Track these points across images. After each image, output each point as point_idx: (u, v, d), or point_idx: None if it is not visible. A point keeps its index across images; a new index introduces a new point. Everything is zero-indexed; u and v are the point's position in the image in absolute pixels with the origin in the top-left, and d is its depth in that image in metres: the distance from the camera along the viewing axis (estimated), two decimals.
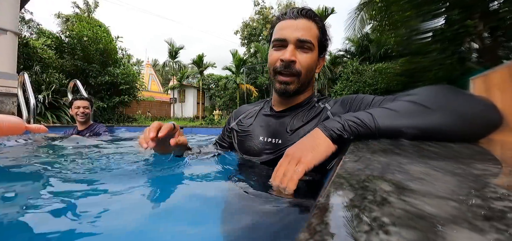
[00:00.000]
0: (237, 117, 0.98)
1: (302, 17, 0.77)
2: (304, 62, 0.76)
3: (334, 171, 0.31)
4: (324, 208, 0.19)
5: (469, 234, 0.15)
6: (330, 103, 0.81)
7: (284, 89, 0.78)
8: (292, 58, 0.75)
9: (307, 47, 0.76)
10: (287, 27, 0.76)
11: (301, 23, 0.76)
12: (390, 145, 0.45)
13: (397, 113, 0.50)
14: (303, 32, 0.75)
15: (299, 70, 0.76)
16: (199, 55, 17.95)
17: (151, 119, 13.21)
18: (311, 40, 0.76)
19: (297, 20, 0.77)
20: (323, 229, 0.16)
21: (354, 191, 0.22)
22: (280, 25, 0.79)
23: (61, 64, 7.81)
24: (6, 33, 4.28)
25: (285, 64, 0.75)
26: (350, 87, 10.48)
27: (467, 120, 0.49)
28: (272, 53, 0.80)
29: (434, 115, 0.48)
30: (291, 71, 0.76)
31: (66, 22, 9.35)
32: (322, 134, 0.53)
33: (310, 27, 0.77)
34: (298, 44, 0.75)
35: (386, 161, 0.33)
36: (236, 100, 16.30)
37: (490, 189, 0.23)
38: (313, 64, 0.78)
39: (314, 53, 0.78)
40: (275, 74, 0.79)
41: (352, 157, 0.36)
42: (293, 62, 0.75)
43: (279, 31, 0.78)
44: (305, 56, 0.76)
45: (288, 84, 0.77)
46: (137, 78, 9.92)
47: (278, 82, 0.78)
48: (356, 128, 0.51)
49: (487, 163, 0.32)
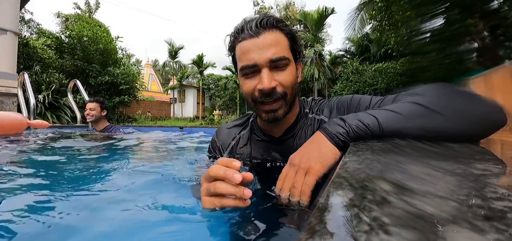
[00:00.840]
0: (225, 147, 0.86)
1: (264, 29, 0.65)
2: (285, 81, 0.66)
3: (334, 171, 0.31)
4: (324, 208, 0.19)
5: (469, 234, 0.15)
6: (326, 112, 0.75)
7: (274, 117, 0.68)
8: (272, 86, 0.64)
9: (283, 64, 0.65)
10: (252, 49, 0.64)
11: (266, 38, 0.64)
12: (390, 145, 0.45)
13: (402, 116, 0.49)
14: (273, 49, 0.64)
15: (282, 92, 0.66)
16: (199, 55, 17.96)
17: (151, 119, 13.21)
18: (285, 55, 0.65)
19: (260, 36, 0.64)
20: (323, 229, 0.16)
21: (354, 191, 0.22)
22: (242, 47, 0.66)
23: (61, 64, 7.82)
24: (6, 33, 4.28)
25: (266, 94, 0.65)
26: (350, 87, 10.48)
27: (473, 122, 0.48)
28: (245, 82, 0.68)
29: (440, 117, 0.47)
30: (274, 97, 0.66)
31: (65, 21, 9.34)
32: (327, 141, 0.50)
33: (277, 39, 0.65)
34: (271, 65, 0.64)
35: (386, 161, 0.33)
36: (236, 100, 16.30)
37: (490, 189, 0.23)
38: (294, 79, 0.68)
39: (292, 66, 0.68)
40: (256, 104, 0.69)
41: (352, 157, 0.36)
42: (273, 88, 0.65)
43: (245, 56, 0.66)
44: (284, 74, 0.66)
45: (276, 111, 0.67)
46: (137, 78, 9.94)
47: (264, 111, 0.68)
48: (361, 132, 0.49)
49: (487, 163, 0.32)
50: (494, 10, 4.76)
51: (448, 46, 5.20)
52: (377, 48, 11.91)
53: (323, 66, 12.38)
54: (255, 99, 0.67)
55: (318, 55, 12.14)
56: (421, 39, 5.76)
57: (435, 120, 0.47)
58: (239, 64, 0.67)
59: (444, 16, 5.17)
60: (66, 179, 0.77)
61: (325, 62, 12.79)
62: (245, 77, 0.68)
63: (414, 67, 5.97)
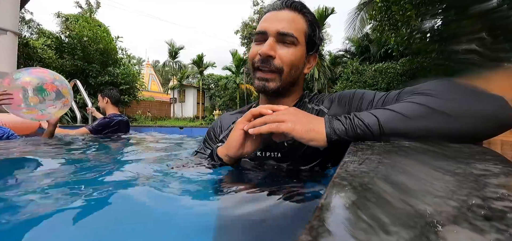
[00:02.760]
0: (226, 128, 0.87)
1: (286, 8, 0.69)
2: (285, 57, 0.67)
3: (335, 171, 0.31)
4: (324, 208, 0.19)
5: (469, 234, 0.15)
6: (326, 103, 0.74)
7: (263, 87, 0.69)
8: (269, 53, 0.66)
9: (289, 41, 0.67)
10: (268, 19, 0.69)
11: (284, 14, 0.68)
12: (390, 145, 0.45)
13: (405, 117, 0.47)
14: (285, 23, 0.67)
15: (279, 66, 0.67)
16: (199, 55, 17.97)
17: (151, 119, 13.21)
18: (293, 33, 0.67)
19: (280, 11, 0.69)
20: (323, 229, 0.16)
21: (355, 192, 0.23)
22: (263, 17, 0.71)
23: (61, 64, 7.83)
24: (6, 33, 4.28)
25: (263, 59, 0.67)
26: (350, 87, 10.49)
27: (480, 122, 0.46)
28: (253, 47, 0.71)
29: (445, 118, 0.45)
30: (270, 67, 0.67)
31: (66, 21, 9.36)
32: (323, 127, 0.52)
33: (294, 19, 0.68)
34: (278, 38, 0.67)
35: (387, 161, 0.33)
36: (236, 100, 16.30)
37: (490, 189, 0.23)
38: (296, 60, 0.69)
39: (299, 49, 0.69)
40: (254, 71, 0.71)
41: (353, 157, 0.36)
42: (271, 57, 0.67)
43: (260, 24, 0.70)
44: (286, 50, 0.67)
45: (267, 80, 0.68)
46: (137, 78, 9.95)
47: (257, 78, 0.70)
48: (360, 132, 0.49)
49: (487, 163, 0.32)
50: (490, 10, 4.76)
51: (447, 47, 5.20)
52: (377, 48, 11.92)
53: (323, 66, 12.39)
54: (254, 64, 0.70)
55: (318, 55, 12.15)
56: (421, 39, 5.76)
57: (440, 121, 0.46)
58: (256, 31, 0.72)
59: (442, 16, 5.17)
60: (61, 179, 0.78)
61: (325, 62, 12.80)
62: (255, 42, 0.71)
63: (414, 67, 5.98)
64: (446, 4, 4.94)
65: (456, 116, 0.45)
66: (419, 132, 0.46)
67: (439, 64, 5.30)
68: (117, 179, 0.74)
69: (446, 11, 5.05)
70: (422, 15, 5.32)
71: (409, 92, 0.54)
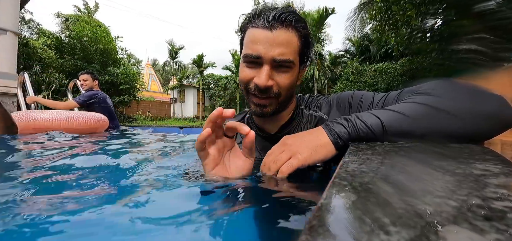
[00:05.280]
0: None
1: (280, 25, 0.61)
2: (283, 84, 0.64)
3: (335, 171, 0.31)
4: (325, 208, 0.19)
5: (469, 234, 0.15)
6: (324, 109, 0.73)
7: (261, 112, 0.67)
8: (268, 84, 0.62)
9: (286, 67, 0.64)
10: (261, 41, 0.62)
11: (278, 36, 0.61)
12: (390, 145, 0.45)
13: (408, 117, 0.47)
14: (281, 49, 0.61)
15: (277, 92, 0.65)
16: (199, 55, 17.98)
17: (151, 119, 13.22)
18: (291, 59, 0.63)
19: (273, 31, 0.61)
20: (323, 229, 0.16)
21: (355, 192, 0.22)
22: (252, 34, 0.64)
23: (61, 64, 7.83)
24: (6, 33, 4.28)
25: (260, 90, 0.63)
26: (350, 87, 10.48)
27: (482, 122, 0.46)
28: (244, 69, 0.66)
29: (447, 118, 0.45)
30: (267, 95, 0.65)
31: (65, 21, 9.36)
32: (326, 137, 0.50)
33: (289, 40, 0.62)
34: (274, 64, 0.63)
35: (387, 161, 0.33)
36: (236, 100, 16.31)
37: (490, 189, 0.23)
38: (292, 82, 0.67)
39: (294, 70, 0.66)
40: (248, 95, 0.68)
41: (353, 157, 0.36)
42: (269, 87, 0.63)
43: (252, 45, 0.63)
44: (284, 77, 0.64)
45: (265, 106, 0.66)
46: (137, 78, 9.96)
47: (253, 104, 0.67)
48: (363, 134, 0.48)
49: (487, 163, 0.32)
50: (490, 10, 4.75)
51: (448, 46, 5.20)
52: (377, 48, 11.92)
53: (323, 66, 12.40)
54: (248, 89, 0.67)
55: (318, 55, 12.15)
56: (421, 39, 5.76)
57: (443, 121, 0.46)
58: (244, 50, 0.65)
59: (442, 16, 5.17)
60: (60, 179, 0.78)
61: (325, 62, 12.81)
62: (246, 65, 0.66)
63: (414, 67, 5.97)
64: (446, 3, 4.94)
65: (459, 115, 0.45)
66: (422, 132, 0.46)
67: (439, 64, 5.30)
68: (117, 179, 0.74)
69: (446, 11, 5.05)
70: (422, 14, 5.31)
71: (409, 93, 0.54)
